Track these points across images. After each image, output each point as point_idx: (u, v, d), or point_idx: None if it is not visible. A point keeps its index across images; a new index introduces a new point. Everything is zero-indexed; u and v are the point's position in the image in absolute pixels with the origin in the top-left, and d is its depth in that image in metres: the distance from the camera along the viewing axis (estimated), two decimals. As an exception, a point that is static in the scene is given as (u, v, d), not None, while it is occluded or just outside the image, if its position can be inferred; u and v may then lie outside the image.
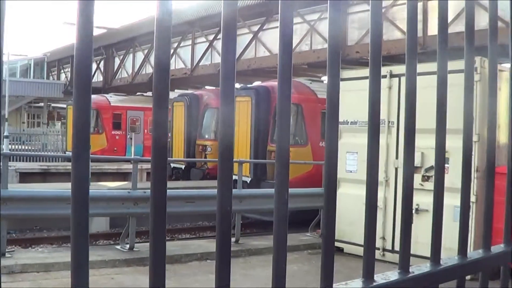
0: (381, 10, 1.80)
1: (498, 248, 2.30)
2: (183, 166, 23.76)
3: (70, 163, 1.18)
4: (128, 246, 10.94)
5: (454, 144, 2.98)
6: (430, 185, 9.02)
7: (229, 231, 1.41)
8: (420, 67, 1.96)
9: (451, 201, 3.20)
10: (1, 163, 9.62)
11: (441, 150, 2.04)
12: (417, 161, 9.85)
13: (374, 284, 1.73)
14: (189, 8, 27.44)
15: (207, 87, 31.41)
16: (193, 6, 27.68)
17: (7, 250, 10.04)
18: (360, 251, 1.74)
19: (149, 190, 1.27)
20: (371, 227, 1.78)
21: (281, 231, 1.50)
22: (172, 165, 23.90)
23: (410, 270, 1.89)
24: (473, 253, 2.23)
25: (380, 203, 10.77)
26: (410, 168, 1.94)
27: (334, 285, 1.63)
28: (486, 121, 2.31)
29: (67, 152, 31.80)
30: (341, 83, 1.66)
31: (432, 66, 2.14)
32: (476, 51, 2.20)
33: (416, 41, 1.91)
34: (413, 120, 1.91)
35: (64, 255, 10.32)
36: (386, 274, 1.81)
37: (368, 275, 1.74)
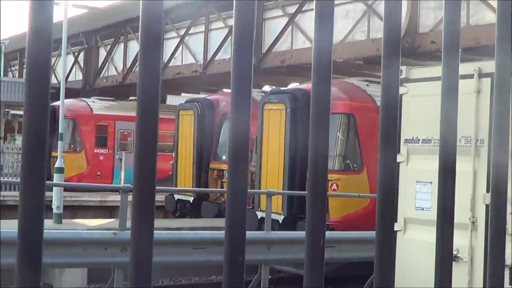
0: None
1: None
2: (191, 198, 23.72)
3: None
4: (113, 308, 10.97)
5: None
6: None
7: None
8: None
9: None
10: None
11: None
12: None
13: None
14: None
15: (225, 89, 31.47)
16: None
17: None
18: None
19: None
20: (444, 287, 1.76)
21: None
22: (176, 196, 23.87)
23: None
24: None
25: (463, 253, 10.65)
26: (503, 204, 1.92)
27: None
28: None
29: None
30: (410, 86, 1.66)
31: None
32: None
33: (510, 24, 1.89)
34: (507, 137, 1.88)
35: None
36: None
37: None
